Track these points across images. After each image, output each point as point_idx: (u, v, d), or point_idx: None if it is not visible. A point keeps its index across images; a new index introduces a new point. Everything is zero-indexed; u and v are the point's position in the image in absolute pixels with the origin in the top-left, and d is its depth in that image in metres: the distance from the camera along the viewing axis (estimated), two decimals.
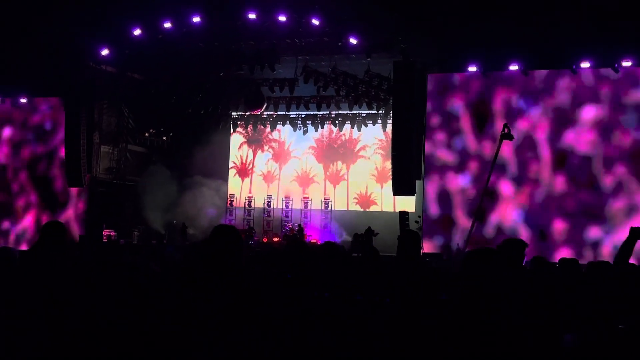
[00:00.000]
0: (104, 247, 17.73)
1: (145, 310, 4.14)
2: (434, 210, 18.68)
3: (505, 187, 17.97)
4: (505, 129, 16.75)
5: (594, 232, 16.99)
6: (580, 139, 17.43)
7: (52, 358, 3.81)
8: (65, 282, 4.08)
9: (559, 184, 17.49)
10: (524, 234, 17.14)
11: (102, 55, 20.62)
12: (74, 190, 22.06)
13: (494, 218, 17.98)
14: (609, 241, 16.62)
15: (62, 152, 21.56)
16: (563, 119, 17.65)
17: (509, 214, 17.85)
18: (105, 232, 21.48)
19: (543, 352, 3.49)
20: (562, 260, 6.89)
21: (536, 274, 5.52)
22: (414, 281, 4.84)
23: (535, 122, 17.85)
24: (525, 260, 5.81)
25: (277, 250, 5.25)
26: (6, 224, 22.94)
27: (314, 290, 4.32)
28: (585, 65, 17.31)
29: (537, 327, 3.55)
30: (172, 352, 3.69)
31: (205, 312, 3.61)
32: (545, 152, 17.72)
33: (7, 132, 23.43)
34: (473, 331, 3.29)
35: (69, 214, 22.22)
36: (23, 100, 23.05)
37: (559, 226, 17.34)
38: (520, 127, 17.80)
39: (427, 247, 18.02)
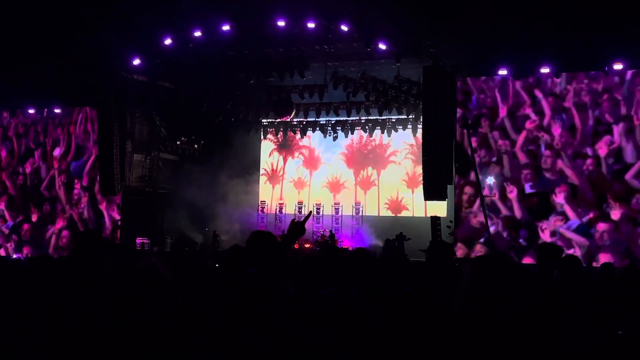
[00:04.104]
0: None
1: (145, 310, 4.17)
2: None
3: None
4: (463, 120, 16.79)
5: None
6: None
7: (53, 358, 3.85)
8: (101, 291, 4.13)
9: None
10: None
11: (134, 65, 20.86)
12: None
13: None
14: None
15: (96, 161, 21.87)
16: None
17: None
18: (139, 240, 21.69)
19: None
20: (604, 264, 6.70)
21: (565, 281, 5.37)
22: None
23: None
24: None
25: (310, 257, 5.25)
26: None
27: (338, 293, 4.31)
28: (617, 66, 17.04)
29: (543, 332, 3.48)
30: (172, 352, 3.72)
31: (206, 312, 3.63)
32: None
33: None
34: (475, 337, 3.27)
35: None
36: (57, 111, 23.41)
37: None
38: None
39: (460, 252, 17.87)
